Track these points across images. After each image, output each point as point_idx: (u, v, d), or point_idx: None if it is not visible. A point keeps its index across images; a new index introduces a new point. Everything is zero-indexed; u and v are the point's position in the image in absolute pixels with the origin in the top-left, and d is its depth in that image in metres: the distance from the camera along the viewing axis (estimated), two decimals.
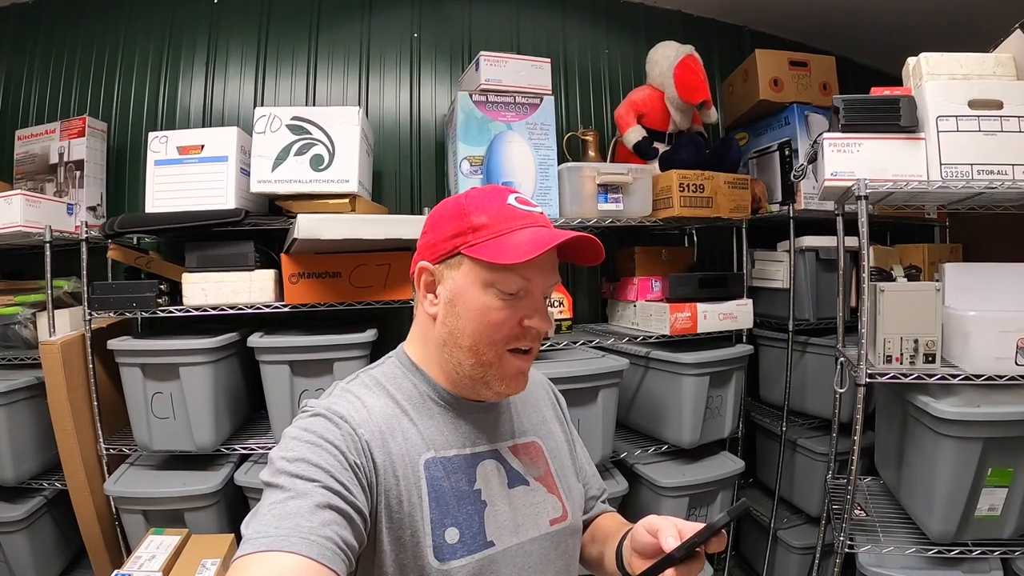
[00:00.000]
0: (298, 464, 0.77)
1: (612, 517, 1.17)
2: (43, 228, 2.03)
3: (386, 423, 0.89)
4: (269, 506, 0.73)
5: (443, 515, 0.87)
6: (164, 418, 2.01)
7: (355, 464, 0.81)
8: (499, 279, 0.88)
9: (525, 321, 0.90)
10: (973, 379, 1.64)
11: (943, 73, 1.75)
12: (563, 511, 1.00)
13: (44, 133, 2.36)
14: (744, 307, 2.41)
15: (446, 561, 0.85)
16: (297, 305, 2.05)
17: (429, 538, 0.85)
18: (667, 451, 2.38)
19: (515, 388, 0.95)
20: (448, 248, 0.91)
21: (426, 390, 0.96)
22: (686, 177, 2.27)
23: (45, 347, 1.97)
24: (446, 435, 0.93)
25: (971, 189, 1.69)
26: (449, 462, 0.91)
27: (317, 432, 0.82)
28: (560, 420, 1.15)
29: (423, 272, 0.94)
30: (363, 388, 0.94)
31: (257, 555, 0.68)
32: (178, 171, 2.09)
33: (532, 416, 1.08)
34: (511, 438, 1.01)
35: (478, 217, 0.89)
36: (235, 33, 2.57)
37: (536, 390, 1.14)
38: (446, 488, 0.89)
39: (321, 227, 1.82)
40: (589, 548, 1.11)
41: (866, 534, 1.83)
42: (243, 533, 0.72)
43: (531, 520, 0.96)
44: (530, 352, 0.94)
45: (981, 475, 1.64)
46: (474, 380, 0.93)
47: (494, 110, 2.20)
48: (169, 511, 1.98)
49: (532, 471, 1.00)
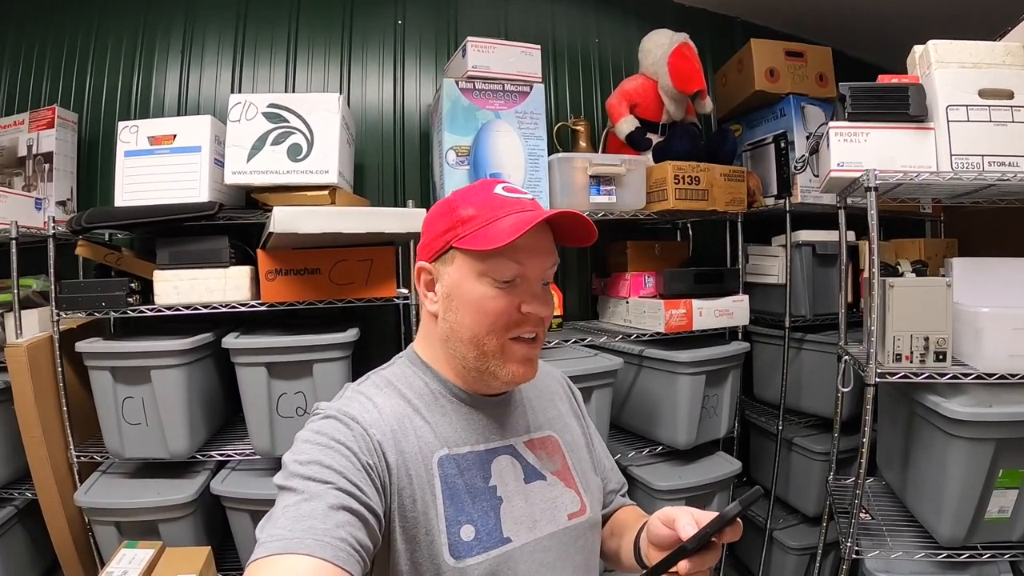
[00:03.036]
0: (311, 467, 0.78)
1: (631, 510, 1.18)
2: (9, 224, 1.93)
3: (398, 422, 0.90)
4: (283, 509, 0.74)
5: (458, 512, 0.88)
6: (136, 424, 1.91)
7: (368, 465, 0.82)
8: (491, 267, 0.89)
9: (523, 307, 0.91)
10: (985, 378, 1.59)
11: (952, 61, 1.70)
12: (581, 505, 1.00)
13: (12, 124, 2.25)
14: (740, 303, 2.35)
15: (462, 559, 0.86)
16: (274, 303, 1.96)
17: (444, 536, 0.86)
18: (662, 452, 2.32)
19: (524, 376, 0.94)
20: (441, 245, 0.93)
21: (437, 387, 0.97)
22: (681, 169, 2.20)
23: (11, 350, 1.86)
24: (459, 432, 0.94)
25: (983, 181, 1.64)
26: (463, 459, 0.92)
27: (329, 434, 0.83)
28: (576, 414, 1.16)
29: (422, 272, 0.97)
30: (374, 389, 0.95)
31: (272, 558, 0.69)
32: (149, 162, 1.98)
33: (548, 410, 1.09)
34: (526, 433, 1.02)
35: (466, 210, 0.91)
36: (212, 19, 2.46)
37: (551, 384, 1.15)
38: (460, 485, 0.90)
39: (298, 220, 1.73)
40: (609, 542, 1.12)
41: (872, 538, 1.78)
42: (257, 537, 0.73)
43: (548, 515, 0.96)
44: (536, 339, 0.94)
45: (992, 477, 1.58)
46: (480, 372, 0.93)
47: (481, 98, 2.11)
48: (143, 522, 1.89)
49: (549, 465, 1.01)
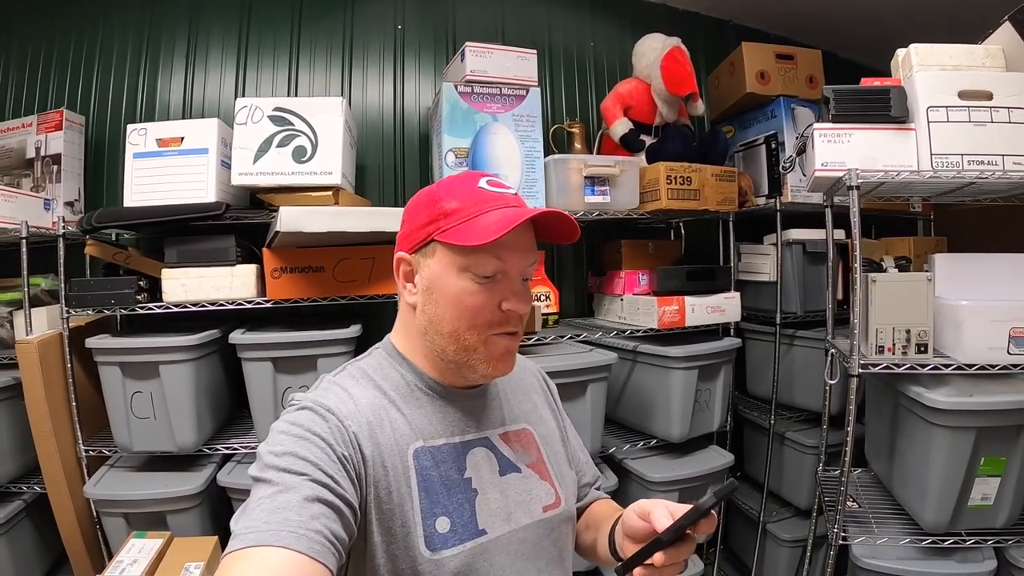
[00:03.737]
0: (286, 458, 0.77)
1: (606, 503, 1.18)
2: (19, 224, 1.97)
3: (373, 414, 0.89)
4: (258, 501, 0.73)
5: (433, 504, 0.87)
6: (144, 418, 1.96)
7: (343, 456, 0.80)
8: (473, 262, 0.88)
9: (504, 304, 0.90)
10: (966, 369, 1.65)
11: (933, 64, 1.76)
12: (556, 497, 1.00)
13: (20, 127, 2.29)
14: (732, 300, 2.41)
15: (437, 551, 0.85)
16: (280, 300, 2.01)
17: (420, 528, 0.85)
18: (656, 445, 2.37)
19: (502, 369, 0.94)
20: (422, 236, 0.92)
21: (413, 379, 0.96)
22: (673, 169, 2.25)
23: (22, 346, 1.91)
24: (435, 424, 0.93)
25: (962, 179, 1.70)
26: (438, 451, 0.91)
27: (304, 425, 0.82)
28: (551, 407, 1.16)
29: (401, 262, 0.96)
30: (350, 380, 0.94)
31: (246, 551, 0.68)
32: (157, 164, 2.03)
33: (523, 403, 1.08)
34: (501, 425, 1.01)
35: (449, 203, 0.90)
36: (216, 24, 2.52)
37: (526, 377, 1.15)
38: (435, 477, 0.89)
39: (304, 220, 1.78)
40: (584, 535, 1.12)
41: (859, 526, 1.83)
42: (232, 529, 0.72)
43: (523, 507, 0.96)
44: (515, 334, 0.94)
45: (974, 464, 1.64)
46: (459, 364, 0.93)
47: (480, 101, 2.16)
48: (151, 513, 1.93)
49: (524, 458, 1.00)
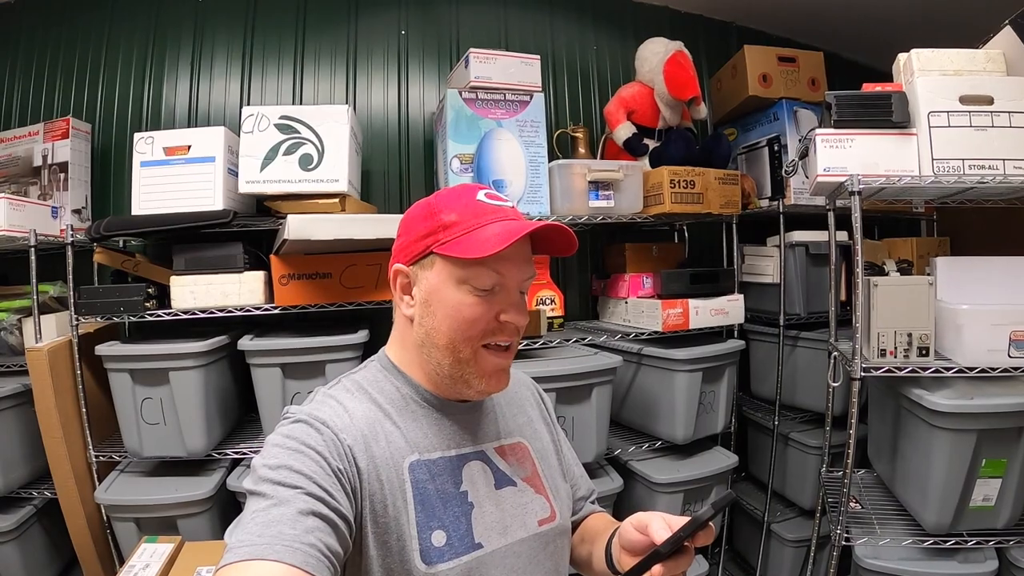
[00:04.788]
0: (280, 471, 0.77)
1: (601, 517, 1.18)
2: (28, 232, 1.99)
3: (369, 427, 0.89)
4: (252, 514, 0.73)
5: (429, 518, 0.87)
6: (154, 424, 1.98)
7: (338, 470, 0.80)
8: (472, 275, 0.88)
9: (501, 316, 0.91)
10: (967, 372, 1.66)
11: (934, 69, 1.77)
12: (551, 511, 1.00)
13: (27, 135, 2.31)
14: (735, 302, 2.42)
15: (433, 564, 0.85)
16: (287, 307, 2.03)
17: (415, 541, 0.85)
18: (661, 447, 2.38)
19: (496, 386, 0.95)
20: (420, 248, 0.92)
21: (408, 392, 0.96)
22: (676, 173, 2.26)
23: (32, 353, 1.93)
24: (430, 437, 0.93)
25: (963, 184, 1.71)
26: (434, 464, 0.91)
27: (299, 438, 0.81)
28: (546, 420, 1.15)
29: (398, 275, 0.96)
30: (345, 393, 0.94)
31: (240, 564, 0.67)
32: (164, 172, 2.05)
33: (517, 417, 1.08)
34: (496, 439, 1.01)
35: (448, 215, 0.90)
36: (220, 32, 2.54)
37: (521, 390, 1.15)
38: (431, 491, 0.89)
39: (312, 227, 1.79)
40: (579, 549, 1.12)
41: (862, 526, 1.85)
42: (226, 542, 0.71)
43: (519, 521, 0.96)
44: (509, 349, 0.94)
45: (975, 466, 1.66)
46: (454, 379, 0.93)
47: (484, 107, 2.18)
48: (161, 518, 1.95)
49: (519, 472, 1.00)
